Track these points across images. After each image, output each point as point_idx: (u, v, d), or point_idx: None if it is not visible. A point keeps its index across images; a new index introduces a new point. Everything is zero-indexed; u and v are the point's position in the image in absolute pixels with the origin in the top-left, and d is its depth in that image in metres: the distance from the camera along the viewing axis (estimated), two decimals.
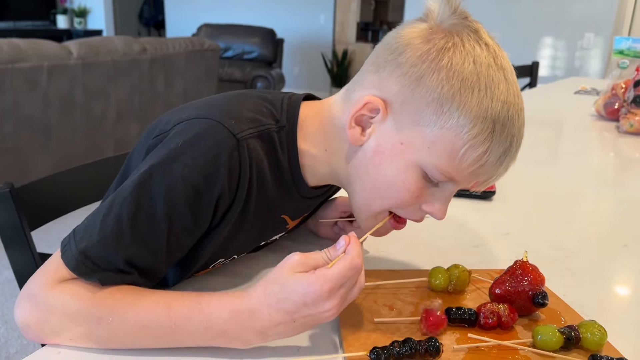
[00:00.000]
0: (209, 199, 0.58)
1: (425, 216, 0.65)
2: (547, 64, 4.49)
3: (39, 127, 2.93)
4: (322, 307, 0.52)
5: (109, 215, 0.56)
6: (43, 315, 0.56)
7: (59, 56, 2.93)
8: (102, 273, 0.56)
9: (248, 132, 0.61)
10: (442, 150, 0.58)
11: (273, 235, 0.76)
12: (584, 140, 1.75)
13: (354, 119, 0.62)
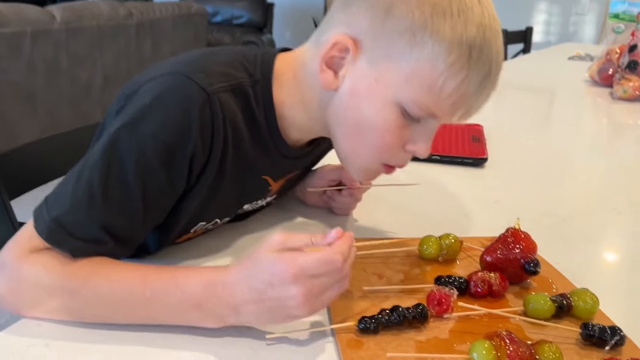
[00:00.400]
0: (183, 157, 0.56)
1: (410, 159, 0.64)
2: (541, 29, 4.43)
3: (24, 93, 2.87)
4: (287, 291, 0.49)
5: (80, 180, 0.54)
6: (16, 287, 0.54)
7: (41, 21, 2.85)
8: (76, 242, 0.53)
9: (219, 86, 0.58)
10: (420, 83, 0.56)
11: (256, 198, 0.73)
12: (577, 106, 1.74)
13: (324, 61, 0.59)
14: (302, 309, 0.50)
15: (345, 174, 0.80)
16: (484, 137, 1.20)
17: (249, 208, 0.75)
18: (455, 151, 1.10)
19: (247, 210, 0.75)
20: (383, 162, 0.63)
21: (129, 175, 0.54)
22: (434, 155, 1.08)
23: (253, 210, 0.79)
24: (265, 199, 0.76)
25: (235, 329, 0.54)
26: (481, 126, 1.28)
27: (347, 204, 0.81)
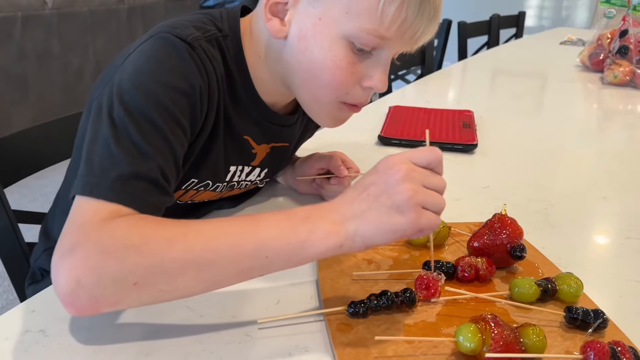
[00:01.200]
0: (195, 97, 0.58)
1: (369, 97, 0.65)
2: (534, 14, 4.43)
3: (15, 80, 2.85)
4: (391, 170, 0.50)
5: (120, 141, 0.52)
6: (98, 260, 0.46)
7: (32, 6, 2.82)
8: (146, 193, 0.52)
9: (196, 35, 0.60)
10: (360, 12, 0.57)
11: (241, 161, 0.73)
12: (568, 91, 1.74)
13: (268, 10, 0.61)
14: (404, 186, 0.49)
15: (332, 162, 0.81)
16: (475, 124, 1.21)
17: (238, 179, 0.75)
18: (445, 137, 1.11)
19: (236, 182, 0.76)
20: (342, 101, 0.64)
21: (158, 122, 0.54)
22: (424, 142, 1.09)
23: (246, 192, 0.80)
24: (250, 166, 0.75)
25: (230, 315, 0.55)
26: (472, 112, 1.29)
27: (336, 191, 0.82)
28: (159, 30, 0.60)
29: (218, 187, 0.74)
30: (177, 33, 0.58)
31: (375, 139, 1.13)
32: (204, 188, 0.72)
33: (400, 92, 1.60)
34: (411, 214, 0.48)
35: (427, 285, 0.57)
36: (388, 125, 1.18)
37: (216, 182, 0.73)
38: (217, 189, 0.74)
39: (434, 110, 1.30)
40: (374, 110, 1.36)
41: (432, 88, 1.71)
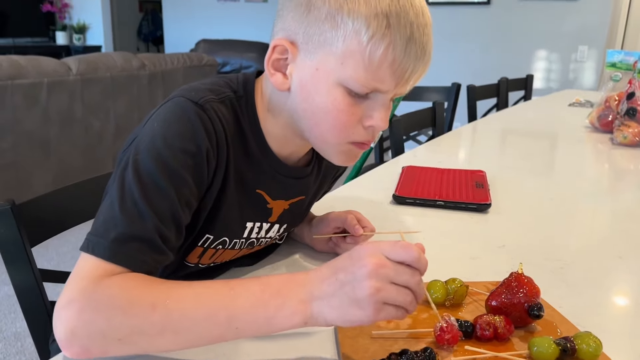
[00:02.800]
0: (201, 158, 0.62)
1: (375, 136, 0.68)
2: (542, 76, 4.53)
3: (38, 142, 2.94)
4: (360, 262, 0.52)
5: (124, 203, 0.58)
6: (89, 316, 0.53)
7: (58, 72, 2.95)
8: (140, 254, 0.57)
9: (209, 98, 0.65)
10: (352, 60, 0.61)
11: (256, 217, 0.76)
12: (579, 152, 1.77)
13: (271, 66, 0.66)
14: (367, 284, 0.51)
15: (348, 221, 0.83)
16: (487, 183, 1.23)
17: (257, 236, 0.78)
18: (459, 197, 1.13)
19: (255, 239, 0.78)
20: (349, 141, 0.67)
21: (162, 184, 0.59)
22: (438, 201, 1.11)
23: (265, 248, 0.82)
24: (268, 223, 0.78)
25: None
26: (484, 172, 1.31)
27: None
28: (176, 94, 0.66)
29: (236, 244, 0.76)
30: (191, 96, 0.64)
31: (390, 198, 1.15)
32: (222, 246, 0.75)
33: (412, 153, 1.63)
34: (370, 309, 0.51)
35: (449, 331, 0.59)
36: (402, 184, 1.20)
37: (233, 239, 0.75)
38: (235, 246, 0.76)
39: (446, 170, 1.33)
40: (387, 170, 1.39)
41: (444, 149, 1.74)
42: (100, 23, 6.53)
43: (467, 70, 4.73)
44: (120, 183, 0.59)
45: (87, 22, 6.61)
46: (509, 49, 4.57)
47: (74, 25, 6.57)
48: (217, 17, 6.92)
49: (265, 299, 0.54)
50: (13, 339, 1.93)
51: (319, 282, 0.54)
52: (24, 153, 2.89)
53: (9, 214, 0.79)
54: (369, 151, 1.57)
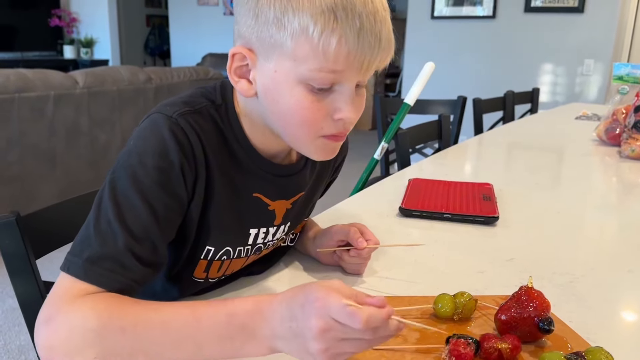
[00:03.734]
0: (175, 173, 0.64)
1: (349, 127, 0.67)
2: (548, 90, 4.53)
3: (44, 155, 2.95)
4: (308, 321, 0.49)
5: (98, 222, 0.61)
6: (66, 335, 0.56)
7: (64, 86, 2.97)
8: (111, 274, 0.59)
9: (183, 110, 0.66)
10: (306, 57, 0.61)
11: (260, 223, 0.76)
12: (586, 165, 1.76)
13: (234, 74, 0.67)
14: (316, 345, 0.49)
15: (351, 234, 0.82)
16: (495, 196, 1.22)
17: (264, 241, 0.78)
18: (466, 209, 1.12)
19: (262, 244, 0.78)
20: (321, 135, 0.67)
21: (136, 203, 0.61)
22: (445, 214, 1.10)
23: (274, 253, 0.83)
24: (274, 227, 0.78)
25: None
26: (491, 185, 1.30)
27: (355, 263, 0.83)
28: (152, 111, 0.67)
29: (242, 253, 0.76)
30: (165, 111, 0.66)
31: (396, 211, 1.14)
32: (227, 257, 0.75)
33: (418, 166, 1.63)
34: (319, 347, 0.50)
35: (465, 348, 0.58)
36: (408, 197, 1.19)
37: (237, 247, 0.75)
38: (241, 254, 0.76)
39: (453, 183, 1.32)
40: (393, 182, 1.39)
41: (450, 161, 1.74)
42: (107, 37, 6.60)
43: (473, 83, 4.73)
44: (98, 203, 0.62)
45: (94, 36, 6.68)
46: (514, 62, 4.58)
47: (82, 39, 6.64)
48: (223, 31, 6.98)
49: (231, 331, 0.54)
50: (17, 352, 1.92)
51: (279, 322, 0.52)
52: (30, 166, 2.90)
53: (14, 226, 0.78)
54: (374, 163, 1.57)
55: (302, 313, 0.50)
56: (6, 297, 2.28)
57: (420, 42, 4.99)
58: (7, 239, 0.78)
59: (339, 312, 0.49)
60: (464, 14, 4.74)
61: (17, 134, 2.81)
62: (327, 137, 0.67)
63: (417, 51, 5.03)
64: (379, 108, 2.40)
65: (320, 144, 0.68)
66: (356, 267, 0.84)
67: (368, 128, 6.95)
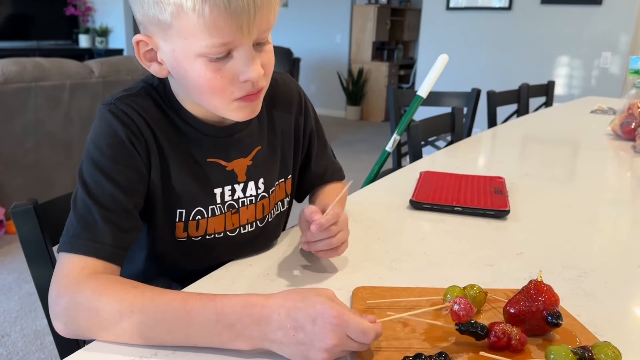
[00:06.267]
0: (126, 147, 0.72)
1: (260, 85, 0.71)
2: (563, 82, 4.48)
3: (60, 143, 2.99)
4: (323, 334, 0.54)
5: (75, 205, 0.70)
6: (74, 314, 0.62)
7: (80, 75, 3.00)
8: (94, 243, 0.67)
9: (121, 95, 0.75)
10: (191, 32, 0.64)
11: (221, 182, 0.82)
12: (600, 159, 1.75)
13: (144, 59, 0.72)
14: (323, 355, 0.55)
15: (303, 217, 0.79)
16: (506, 190, 1.22)
17: (235, 198, 0.84)
18: (477, 203, 1.12)
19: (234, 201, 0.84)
20: (234, 99, 0.71)
21: (100, 180, 0.70)
22: (456, 207, 1.10)
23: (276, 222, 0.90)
24: (240, 183, 0.84)
25: None
26: (503, 178, 1.30)
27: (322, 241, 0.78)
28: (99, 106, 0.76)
29: (215, 211, 0.82)
30: (106, 101, 0.75)
31: (407, 203, 1.14)
32: (201, 216, 0.81)
33: (430, 158, 1.63)
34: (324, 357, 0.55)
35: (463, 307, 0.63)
36: (419, 190, 1.20)
37: (208, 206, 0.82)
38: (214, 213, 0.82)
39: (464, 176, 1.32)
40: (405, 175, 1.39)
41: (462, 154, 1.73)
42: (122, 26, 6.62)
43: (487, 75, 4.70)
44: (75, 192, 0.71)
45: (109, 26, 6.71)
46: (530, 55, 4.53)
47: (97, 29, 6.67)
48: None
49: (219, 329, 0.58)
50: (33, 336, 1.96)
51: (275, 328, 0.56)
52: (46, 154, 2.94)
53: (32, 213, 0.80)
54: (386, 156, 1.57)
55: (313, 326, 0.55)
56: (22, 283, 2.32)
57: (435, 33, 4.96)
58: (25, 225, 0.80)
59: (355, 330, 0.55)
60: (479, 4, 4.70)
61: (33, 123, 2.85)
62: (241, 99, 0.72)
63: (432, 42, 5.00)
64: (392, 100, 2.39)
65: (236, 106, 0.73)
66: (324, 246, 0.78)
67: (380, 120, 6.94)
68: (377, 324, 0.58)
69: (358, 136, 5.85)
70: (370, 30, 6.94)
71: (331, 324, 0.55)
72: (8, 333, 1.98)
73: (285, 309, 0.56)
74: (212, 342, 0.58)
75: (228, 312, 0.58)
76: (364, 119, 7.07)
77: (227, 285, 0.77)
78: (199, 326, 0.58)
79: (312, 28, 7.09)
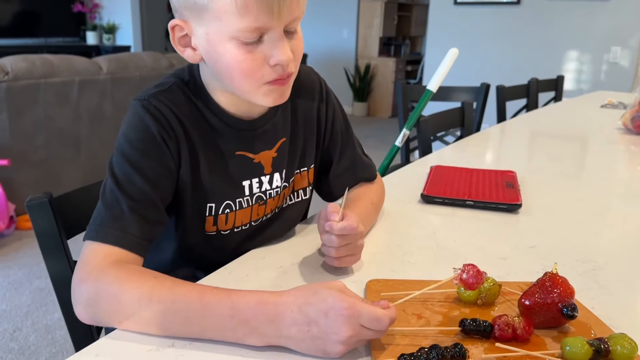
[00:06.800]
0: (157, 142, 0.73)
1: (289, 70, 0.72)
2: (573, 77, 4.45)
3: (69, 139, 3.00)
4: (336, 327, 0.55)
5: (104, 196, 0.71)
6: (96, 299, 0.64)
7: (89, 71, 3.01)
8: (121, 233, 0.68)
9: (154, 92, 0.76)
10: (226, 14, 0.66)
11: (249, 174, 0.83)
12: (611, 153, 1.74)
13: (178, 44, 0.74)
14: (339, 347, 0.55)
15: (321, 216, 0.79)
16: (518, 184, 1.21)
17: (263, 190, 0.85)
18: (489, 197, 1.12)
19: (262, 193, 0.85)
20: (264, 82, 0.73)
21: (129, 172, 0.71)
22: (468, 201, 1.10)
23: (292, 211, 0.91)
24: (266, 175, 0.85)
25: None
26: (514, 173, 1.30)
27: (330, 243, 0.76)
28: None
29: (243, 204, 0.84)
30: (139, 97, 0.76)
31: (418, 198, 1.14)
32: (230, 209, 0.83)
33: (439, 153, 1.63)
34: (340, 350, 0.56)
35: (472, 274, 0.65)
36: (430, 184, 1.20)
37: (237, 199, 0.83)
38: (242, 205, 0.84)
39: (475, 170, 1.32)
40: (415, 169, 1.39)
41: (472, 149, 1.73)
42: (129, 23, 6.64)
43: (496, 70, 4.68)
44: (103, 185, 0.73)
45: (116, 23, 6.72)
46: (539, 50, 4.51)
47: (104, 25, 6.69)
48: None
49: (234, 324, 0.58)
50: (44, 331, 1.97)
51: (289, 324, 0.57)
52: (56, 150, 2.96)
53: (47, 206, 0.81)
54: (395, 150, 1.57)
55: (326, 320, 0.55)
56: (33, 278, 2.34)
57: (443, 28, 4.94)
58: (40, 219, 0.81)
59: (368, 318, 0.56)
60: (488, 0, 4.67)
61: (43, 119, 2.86)
62: (271, 83, 0.73)
63: (439, 38, 4.98)
64: (400, 95, 2.39)
65: (266, 90, 0.74)
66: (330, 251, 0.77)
67: (388, 116, 6.93)
68: (391, 309, 0.59)
69: (366, 132, 5.84)
70: (378, 25, 6.93)
71: (343, 315, 0.55)
72: (20, 327, 1.99)
73: (297, 305, 0.57)
74: (227, 337, 0.59)
75: (243, 308, 0.58)
76: (371, 115, 7.05)
77: (240, 278, 0.77)
78: (214, 319, 0.59)
79: (319, 24, 7.07)
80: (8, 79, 2.68)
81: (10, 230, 2.77)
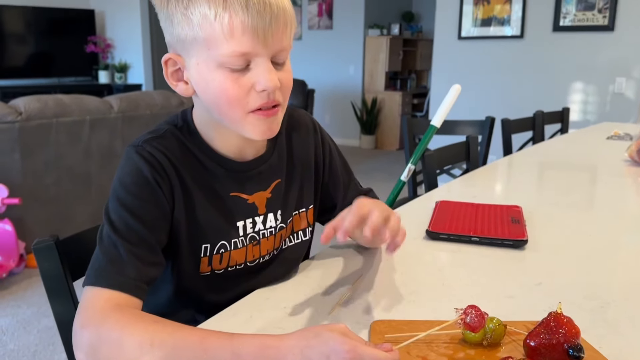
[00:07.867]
0: (151, 186, 0.75)
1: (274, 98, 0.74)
2: (578, 108, 4.47)
3: (80, 177, 3.04)
4: None
5: (102, 241, 0.73)
6: (96, 345, 0.64)
7: (100, 110, 3.06)
8: (119, 276, 0.69)
9: (147, 137, 0.78)
10: (214, 40, 0.69)
11: (243, 215, 0.85)
12: (618, 186, 1.73)
13: (171, 78, 0.77)
14: None
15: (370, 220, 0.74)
16: (524, 219, 1.21)
17: (257, 230, 0.86)
18: (494, 233, 1.11)
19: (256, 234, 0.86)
20: (249, 111, 0.74)
21: (126, 218, 0.73)
22: (473, 237, 1.10)
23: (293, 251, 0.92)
24: (260, 216, 0.86)
25: None
26: (520, 208, 1.30)
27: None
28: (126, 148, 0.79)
29: (237, 244, 0.84)
30: (133, 143, 0.78)
31: (423, 234, 1.14)
32: (225, 249, 0.83)
33: (446, 187, 1.63)
34: None
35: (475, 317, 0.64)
36: (436, 220, 1.20)
37: (231, 239, 0.84)
38: (237, 245, 0.84)
39: (481, 206, 1.31)
40: (421, 204, 1.39)
41: (479, 183, 1.73)
42: (141, 62, 6.78)
43: (501, 103, 4.70)
44: (101, 229, 0.74)
45: (128, 62, 6.87)
46: (543, 82, 4.54)
47: (116, 65, 6.84)
48: None
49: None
50: None
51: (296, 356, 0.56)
52: (66, 188, 2.99)
53: (53, 249, 0.82)
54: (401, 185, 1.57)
55: (335, 354, 0.55)
56: (41, 317, 2.34)
57: (447, 62, 5.00)
58: (46, 261, 0.82)
59: (367, 356, 0.55)
60: (491, 34, 4.74)
61: (54, 157, 2.91)
62: (257, 112, 0.74)
63: (444, 71, 5.03)
64: (406, 129, 2.41)
65: (253, 120, 0.75)
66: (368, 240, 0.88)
67: (395, 148, 6.95)
68: (394, 352, 0.58)
69: (373, 165, 5.86)
70: (383, 60, 7.02)
71: (345, 359, 0.55)
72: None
73: (299, 348, 0.57)
74: None
75: (244, 353, 0.58)
76: (379, 147, 7.09)
77: (244, 320, 0.77)
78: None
79: (326, 60, 7.19)
80: (21, 119, 2.73)
81: (20, 268, 2.79)
